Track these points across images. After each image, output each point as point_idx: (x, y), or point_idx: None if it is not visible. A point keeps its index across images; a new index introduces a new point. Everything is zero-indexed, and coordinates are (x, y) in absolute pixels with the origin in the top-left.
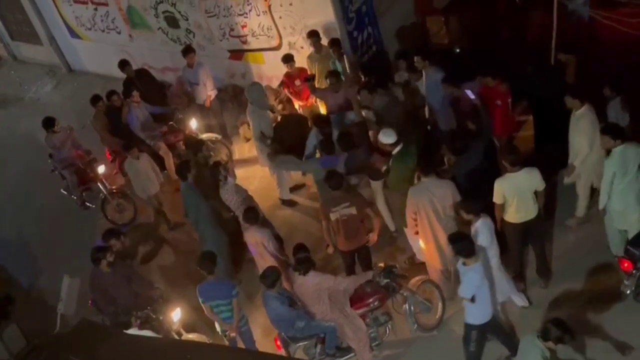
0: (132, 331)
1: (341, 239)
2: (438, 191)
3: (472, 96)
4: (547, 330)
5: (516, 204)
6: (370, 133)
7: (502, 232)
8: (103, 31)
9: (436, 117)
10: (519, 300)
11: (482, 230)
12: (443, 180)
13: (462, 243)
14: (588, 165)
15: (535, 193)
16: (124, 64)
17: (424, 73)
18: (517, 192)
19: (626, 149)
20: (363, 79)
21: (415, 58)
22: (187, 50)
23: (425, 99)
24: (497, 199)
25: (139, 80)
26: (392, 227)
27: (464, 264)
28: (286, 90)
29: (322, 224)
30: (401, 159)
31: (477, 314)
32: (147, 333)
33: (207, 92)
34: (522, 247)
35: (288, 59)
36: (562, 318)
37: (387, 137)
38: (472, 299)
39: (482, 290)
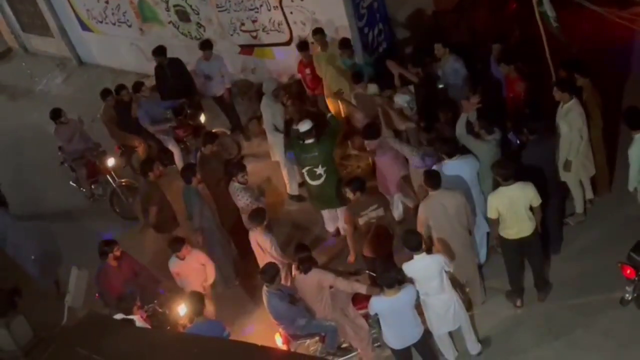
0: (119, 316)
1: (368, 243)
2: (451, 202)
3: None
4: None
5: (510, 219)
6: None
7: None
8: (114, 24)
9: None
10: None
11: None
12: (453, 190)
13: (387, 275)
14: (579, 157)
15: (532, 209)
16: (160, 51)
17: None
18: (510, 207)
19: None
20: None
21: (436, 46)
22: (205, 45)
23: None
24: (491, 214)
25: (170, 69)
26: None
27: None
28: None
29: (346, 229)
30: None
31: (390, 339)
32: (135, 320)
33: (225, 85)
34: (519, 263)
35: (302, 47)
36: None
37: (301, 126)
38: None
39: (392, 319)
